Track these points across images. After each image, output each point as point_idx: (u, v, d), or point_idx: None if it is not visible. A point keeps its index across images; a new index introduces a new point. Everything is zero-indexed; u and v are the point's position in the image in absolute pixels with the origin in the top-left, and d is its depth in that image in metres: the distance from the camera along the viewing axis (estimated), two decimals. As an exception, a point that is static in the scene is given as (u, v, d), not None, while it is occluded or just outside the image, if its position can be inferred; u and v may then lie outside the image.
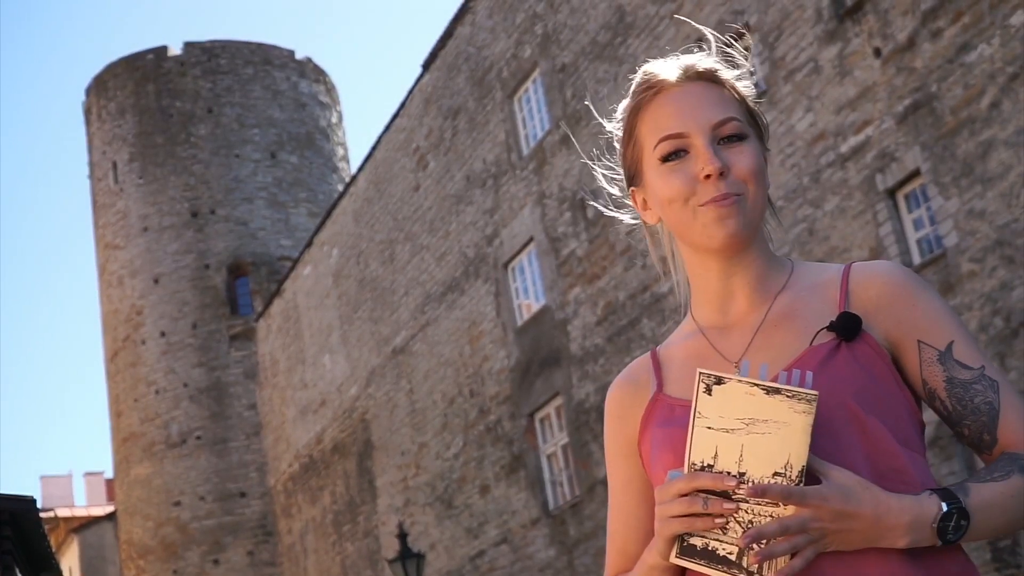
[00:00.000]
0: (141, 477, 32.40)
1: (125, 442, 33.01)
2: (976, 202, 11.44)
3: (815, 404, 1.44)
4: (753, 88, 1.72)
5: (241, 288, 33.27)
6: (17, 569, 15.17)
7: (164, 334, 32.67)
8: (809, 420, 1.44)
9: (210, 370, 32.29)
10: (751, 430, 1.44)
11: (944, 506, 1.48)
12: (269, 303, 31.25)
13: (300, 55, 36.43)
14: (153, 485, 32.09)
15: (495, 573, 20.19)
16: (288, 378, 30.05)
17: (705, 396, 1.46)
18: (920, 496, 1.49)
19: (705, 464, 1.46)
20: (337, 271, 26.81)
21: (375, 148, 24.79)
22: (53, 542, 33.13)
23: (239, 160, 34.00)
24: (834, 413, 1.53)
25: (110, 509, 40.35)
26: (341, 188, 33.35)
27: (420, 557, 16.50)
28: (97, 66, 66.69)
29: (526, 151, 19.48)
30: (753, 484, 1.44)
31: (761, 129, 1.70)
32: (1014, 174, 11.03)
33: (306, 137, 35.31)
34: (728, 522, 1.45)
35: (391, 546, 22.74)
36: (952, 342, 1.61)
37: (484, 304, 20.61)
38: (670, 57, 1.70)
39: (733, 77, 1.69)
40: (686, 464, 1.47)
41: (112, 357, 33.96)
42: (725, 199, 1.59)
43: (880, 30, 12.50)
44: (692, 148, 1.62)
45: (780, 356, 1.61)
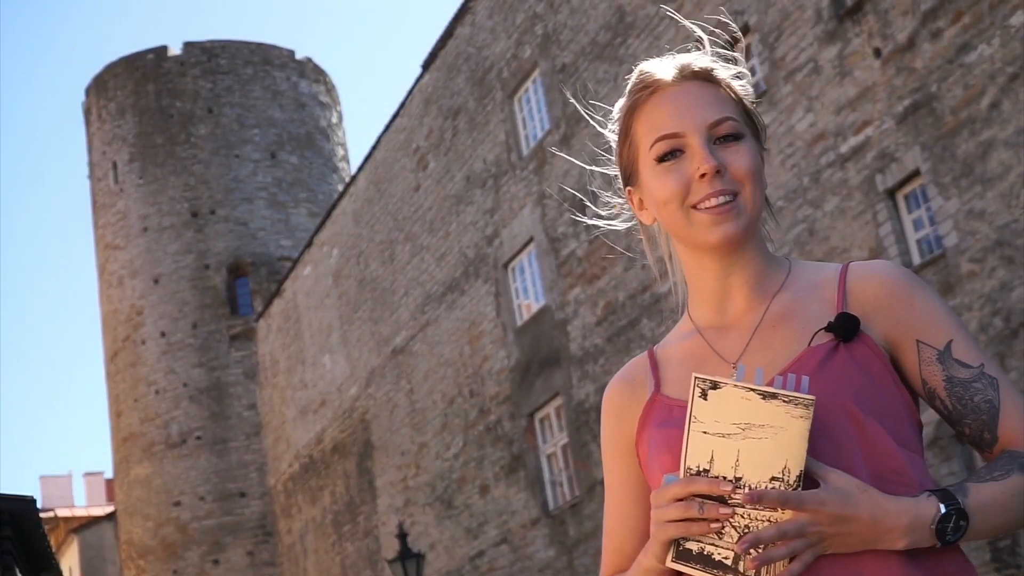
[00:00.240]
0: (141, 477, 32.40)
1: (125, 442, 33.00)
2: (976, 202, 11.44)
3: (812, 409, 1.43)
4: (750, 87, 1.72)
5: (241, 288, 33.27)
6: (17, 569, 15.17)
7: (164, 334, 32.67)
8: (806, 425, 1.43)
9: (210, 370, 32.29)
10: (747, 435, 1.44)
11: (943, 507, 1.48)
12: (269, 303, 31.25)
13: (300, 55, 36.44)
14: (153, 485, 32.09)
15: (495, 573, 20.19)
16: (288, 378, 30.05)
17: (701, 401, 1.46)
18: (918, 498, 1.49)
19: (701, 469, 1.45)
20: (337, 271, 26.81)
21: (375, 148, 24.79)
22: (53, 542, 33.14)
23: (239, 160, 34.00)
24: (833, 415, 1.52)
25: (110, 509, 40.35)
26: (341, 188, 33.34)
27: (420, 557, 16.49)
28: (97, 66, 66.67)
29: (526, 151, 19.48)
30: (749, 490, 1.43)
31: (758, 128, 1.70)
32: (1014, 174, 11.03)
33: (306, 137, 35.31)
34: (724, 527, 1.45)
35: (391, 546, 22.74)
36: (951, 341, 1.60)
37: (484, 304, 20.61)
38: (666, 56, 1.69)
39: (729, 76, 1.68)
40: (682, 468, 1.47)
41: (112, 357, 33.96)
42: (721, 204, 1.59)
43: (880, 30, 12.50)
44: (688, 148, 1.61)
45: (778, 357, 1.60)
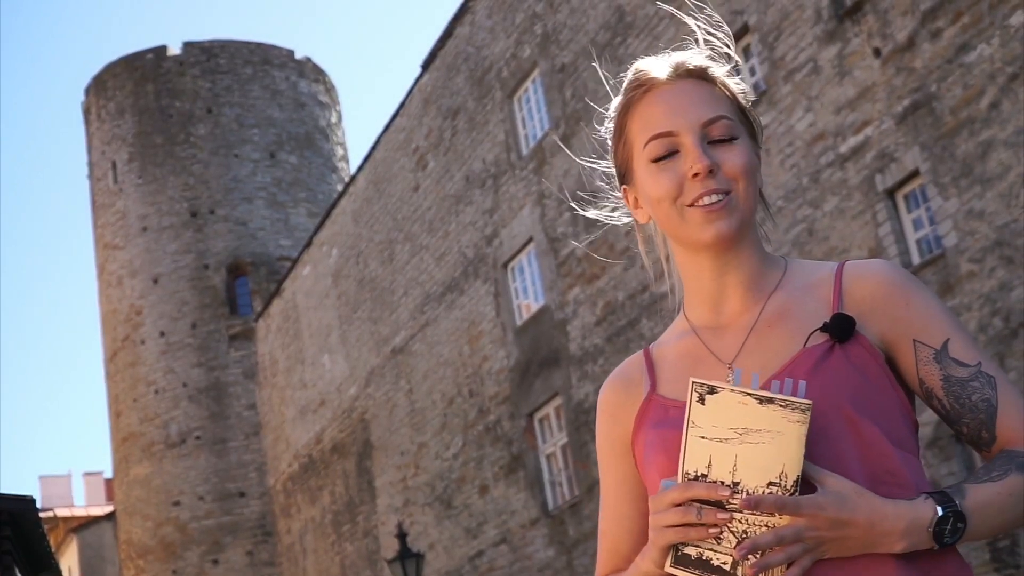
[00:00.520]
0: (140, 477, 32.39)
1: (124, 442, 32.99)
2: (975, 202, 11.43)
3: (809, 413, 1.43)
4: (745, 85, 1.71)
5: (240, 288, 33.27)
6: (16, 569, 15.16)
7: (163, 334, 32.66)
8: (803, 429, 1.43)
9: (209, 370, 32.28)
10: (745, 439, 1.44)
11: (940, 510, 1.47)
12: (268, 303, 31.24)
13: (299, 55, 36.43)
14: (152, 485, 32.08)
15: (494, 573, 20.19)
16: (287, 378, 30.04)
17: (698, 405, 1.45)
18: (915, 501, 1.49)
19: (699, 474, 1.45)
20: (336, 271, 26.81)
21: (374, 148, 24.78)
22: (52, 542, 33.10)
23: (238, 160, 34.00)
24: (828, 416, 1.52)
25: (109, 509, 40.35)
26: (340, 188, 33.34)
27: (419, 557, 16.49)
28: (96, 66, 66.63)
29: (525, 151, 19.47)
30: (746, 496, 1.43)
31: (754, 127, 1.69)
32: (1013, 174, 11.03)
33: (305, 137, 35.30)
34: (722, 532, 1.45)
35: (390, 546, 22.73)
36: (948, 340, 1.60)
37: (483, 304, 20.61)
38: (663, 54, 1.69)
39: (725, 74, 1.67)
40: (680, 473, 1.46)
41: (111, 357, 33.95)
42: (714, 203, 1.58)
43: (880, 30, 12.49)
44: (681, 147, 1.61)
45: (774, 358, 1.60)
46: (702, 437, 1.45)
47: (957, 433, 1.63)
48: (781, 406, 1.43)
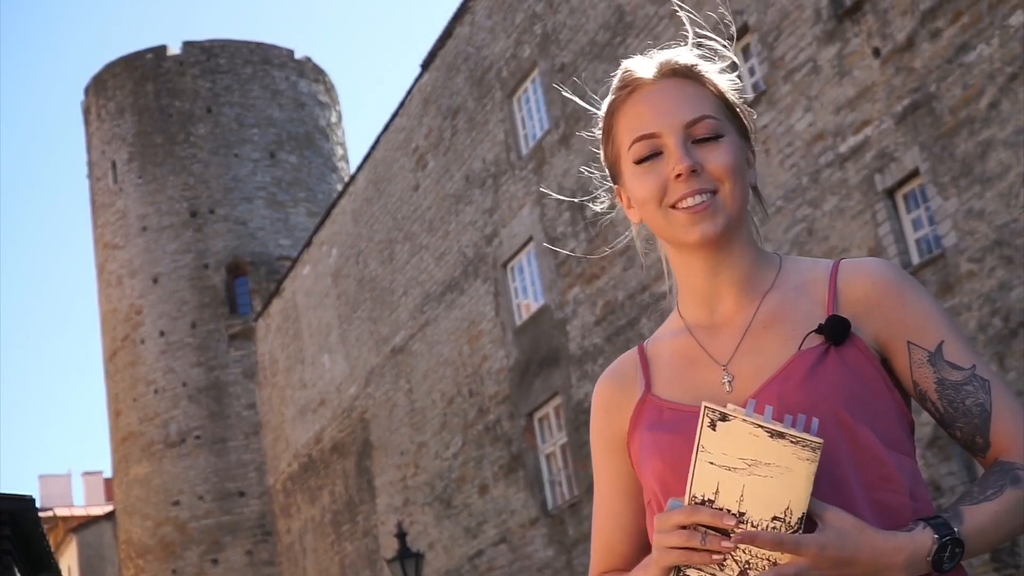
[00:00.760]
0: (140, 476, 32.38)
1: (124, 441, 32.99)
2: (975, 202, 11.43)
3: (819, 452, 1.42)
4: (737, 81, 1.69)
5: (240, 288, 33.26)
6: (16, 569, 15.16)
7: (163, 333, 32.66)
8: (812, 468, 1.41)
9: (209, 369, 32.28)
10: (753, 471, 1.42)
11: (938, 539, 1.47)
12: (268, 303, 31.24)
13: (299, 55, 36.42)
14: (152, 485, 32.08)
15: (494, 573, 20.19)
16: (287, 378, 30.04)
17: (709, 431, 1.44)
18: (914, 531, 1.48)
19: (706, 499, 1.44)
20: (336, 271, 26.81)
21: (374, 148, 24.78)
22: (52, 542, 33.11)
23: (238, 160, 33.99)
24: (824, 422, 1.51)
25: (109, 509, 40.35)
26: (340, 188, 33.34)
27: (419, 557, 16.49)
28: (96, 66, 66.66)
29: (525, 151, 19.47)
30: (744, 531, 1.42)
31: (745, 123, 1.67)
32: (1013, 174, 11.03)
33: (305, 137, 35.30)
34: (726, 559, 1.44)
35: (390, 546, 22.74)
36: (942, 342, 1.59)
37: (483, 304, 20.61)
38: (652, 52, 1.67)
39: (713, 71, 1.66)
40: (687, 496, 1.45)
41: (111, 356, 33.95)
42: (698, 204, 1.57)
43: (879, 30, 12.50)
44: (665, 148, 1.60)
45: (769, 360, 1.59)
46: (711, 463, 1.43)
47: (952, 436, 1.62)
48: (792, 442, 1.41)
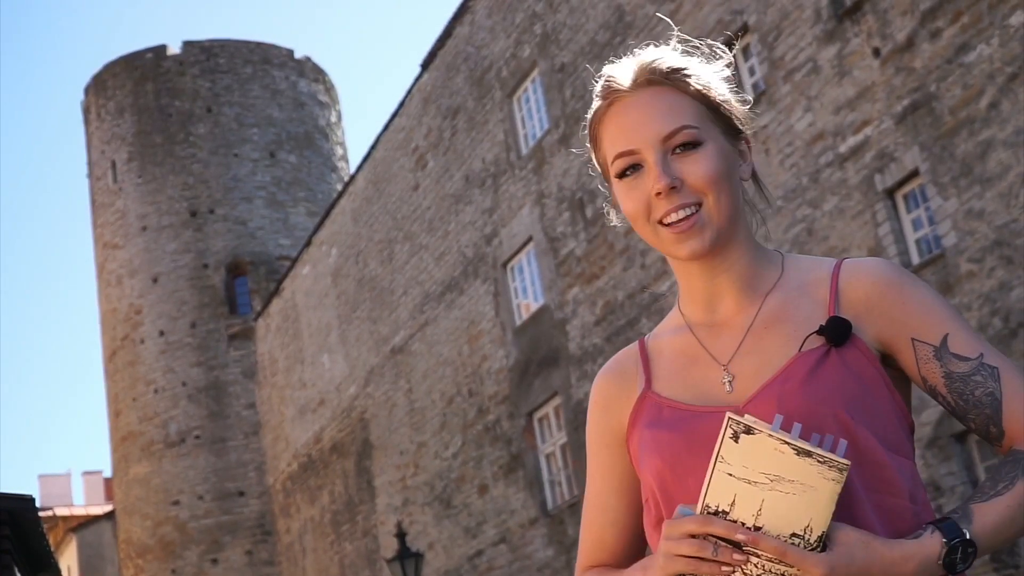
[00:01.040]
0: (140, 476, 32.38)
1: (124, 441, 32.99)
2: (975, 202, 11.43)
3: (845, 473, 1.40)
4: (722, 71, 1.66)
5: (240, 287, 33.26)
6: (16, 568, 15.16)
7: (163, 333, 32.66)
8: (837, 489, 1.40)
9: (209, 369, 32.28)
10: (775, 487, 1.41)
11: (947, 542, 1.45)
12: (268, 302, 31.24)
13: (299, 54, 36.41)
14: (152, 484, 32.07)
15: (493, 573, 20.19)
16: (287, 377, 30.04)
17: (731, 442, 1.42)
18: (922, 537, 1.47)
19: (720, 510, 1.42)
20: (336, 270, 26.80)
21: (374, 147, 24.77)
22: (52, 541, 33.10)
23: (238, 159, 33.99)
24: (824, 424, 1.51)
25: (108, 508, 40.34)
26: (340, 187, 33.34)
27: (419, 556, 16.49)
28: (96, 65, 66.66)
29: (525, 151, 19.47)
30: (753, 530, 1.41)
31: (732, 121, 1.65)
32: (1013, 174, 11.03)
33: (305, 136, 35.29)
34: (735, 571, 1.42)
35: (390, 545, 22.74)
36: (947, 335, 1.58)
37: (483, 304, 20.61)
38: (631, 55, 1.65)
39: (695, 68, 1.63)
40: (699, 505, 1.44)
41: (111, 356, 33.95)
42: (683, 219, 1.56)
43: (879, 30, 12.49)
44: (644, 163, 1.59)
45: (770, 361, 1.59)
46: (730, 475, 1.42)
47: (966, 427, 1.61)
48: (819, 461, 1.40)
